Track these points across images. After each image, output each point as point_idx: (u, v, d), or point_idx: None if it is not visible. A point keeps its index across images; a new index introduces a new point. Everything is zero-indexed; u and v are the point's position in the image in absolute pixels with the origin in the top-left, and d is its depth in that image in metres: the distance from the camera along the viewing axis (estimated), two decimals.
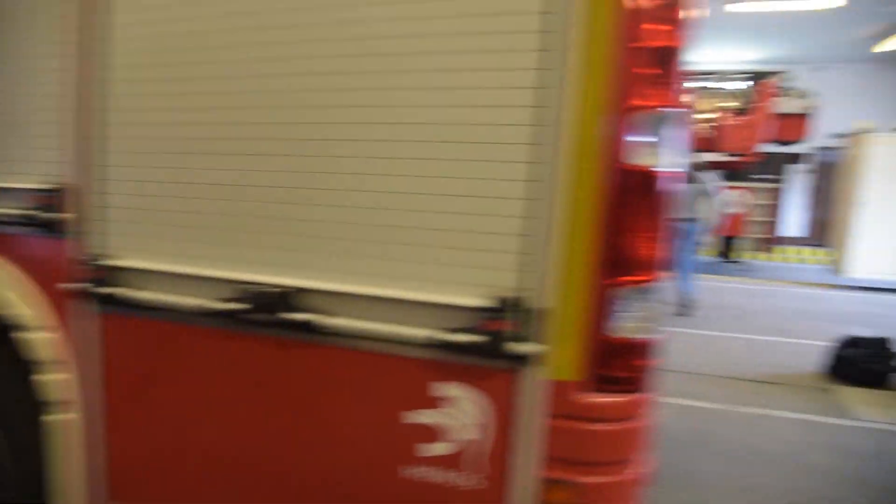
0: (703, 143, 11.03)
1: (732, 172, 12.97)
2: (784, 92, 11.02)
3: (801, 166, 14.11)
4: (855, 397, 5.07)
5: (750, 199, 10.54)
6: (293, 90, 1.79)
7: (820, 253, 12.68)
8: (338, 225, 1.77)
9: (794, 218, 14.37)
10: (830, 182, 12.81)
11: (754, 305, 8.22)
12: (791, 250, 13.66)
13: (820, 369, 5.55)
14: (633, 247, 1.56)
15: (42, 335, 2.12)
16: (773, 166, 13.62)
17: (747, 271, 11.97)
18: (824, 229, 12.89)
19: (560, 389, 1.60)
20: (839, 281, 9.31)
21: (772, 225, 14.12)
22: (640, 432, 1.68)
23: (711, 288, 9.17)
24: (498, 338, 1.61)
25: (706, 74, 11.72)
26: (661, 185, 1.55)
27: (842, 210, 9.76)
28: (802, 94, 10.79)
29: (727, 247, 10.99)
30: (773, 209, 14.08)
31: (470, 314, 1.63)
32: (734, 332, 6.86)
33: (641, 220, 1.55)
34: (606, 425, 1.63)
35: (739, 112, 10.70)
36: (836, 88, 13.81)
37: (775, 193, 14.10)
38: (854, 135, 9.46)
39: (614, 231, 1.55)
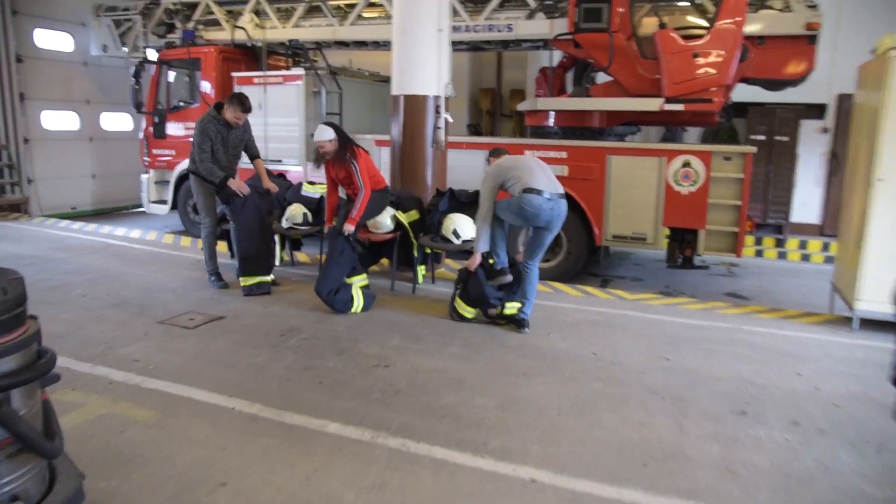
0: (642, 83, 7.15)
1: (690, 129, 9.00)
2: (770, 3, 6.96)
3: (811, 122, 9.93)
4: None
5: (705, 170, 6.59)
6: None
7: (834, 248, 8.60)
8: None
9: (804, 198, 10.18)
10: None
11: (647, 367, 4.45)
12: (794, 244, 9.53)
13: None
14: None
15: None
16: (761, 120, 9.52)
17: (722, 279, 8.00)
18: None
19: None
20: (852, 311, 5.33)
21: (767, 209, 10.01)
22: None
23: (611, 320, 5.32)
24: None
25: None
26: None
27: (850, 189, 5.74)
28: (803, 7, 6.72)
29: (681, 244, 7.10)
30: (766, 187, 9.97)
31: None
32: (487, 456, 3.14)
33: None
34: None
35: (696, 35, 6.72)
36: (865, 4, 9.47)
37: (769, 163, 9.97)
38: (871, 61, 5.44)
39: None
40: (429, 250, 6.40)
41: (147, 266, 6.97)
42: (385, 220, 6.32)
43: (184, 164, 9.41)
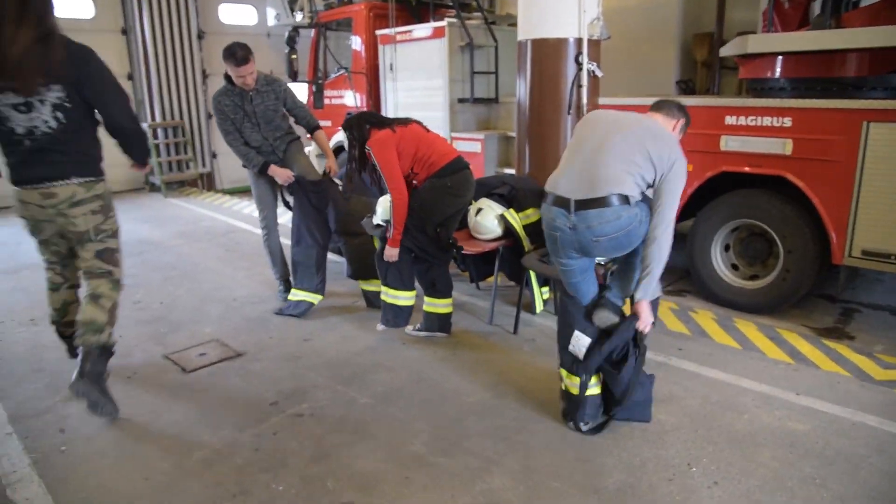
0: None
1: None
2: None
3: None
4: None
5: None
6: None
7: None
8: None
9: None
10: None
11: None
12: None
13: None
14: None
15: None
16: None
17: None
18: None
19: None
20: None
21: None
22: None
23: None
24: None
25: None
26: None
27: None
28: None
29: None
30: None
31: None
32: None
33: None
34: None
35: None
36: None
37: None
38: None
39: None
40: None
41: (243, 261, 5.80)
42: (490, 221, 4.26)
43: (339, 136, 8.21)
